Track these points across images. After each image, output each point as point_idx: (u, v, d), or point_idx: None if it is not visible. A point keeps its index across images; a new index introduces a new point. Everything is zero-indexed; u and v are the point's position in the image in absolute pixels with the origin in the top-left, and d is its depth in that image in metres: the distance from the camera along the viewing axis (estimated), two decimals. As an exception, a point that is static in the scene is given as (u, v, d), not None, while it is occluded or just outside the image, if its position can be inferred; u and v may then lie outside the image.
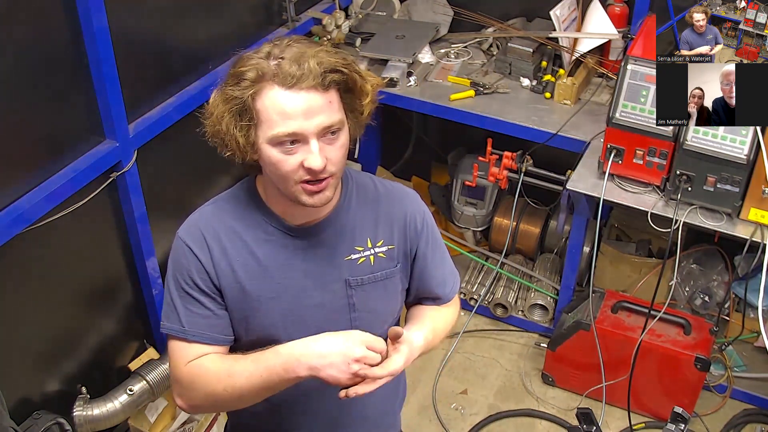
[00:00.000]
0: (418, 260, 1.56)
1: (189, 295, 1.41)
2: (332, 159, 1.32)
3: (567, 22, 2.92)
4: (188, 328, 1.41)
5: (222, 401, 1.40)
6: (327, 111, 1.29)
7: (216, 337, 1.42)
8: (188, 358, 1.41)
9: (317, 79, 1.26)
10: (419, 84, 3.01)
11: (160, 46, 2.39)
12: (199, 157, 2.62)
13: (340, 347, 1.30)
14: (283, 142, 1.29)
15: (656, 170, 2.43)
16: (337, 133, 1.32)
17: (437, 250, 1.59)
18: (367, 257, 1.48)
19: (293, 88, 1.26)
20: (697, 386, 2.78)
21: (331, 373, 1.29)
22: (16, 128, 1.95)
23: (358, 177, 1.54)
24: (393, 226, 1.51)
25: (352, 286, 1.47)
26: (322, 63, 1.27)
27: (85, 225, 2.23)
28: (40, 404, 2.21)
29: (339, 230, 1.47)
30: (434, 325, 1.55)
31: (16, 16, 1.86)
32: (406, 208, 1.53)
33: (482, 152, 3.05)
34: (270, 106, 1.27)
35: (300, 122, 1.27)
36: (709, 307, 2.99)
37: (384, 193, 1.53)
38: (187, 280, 1.41)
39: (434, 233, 1.58)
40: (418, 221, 1.54)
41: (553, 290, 3.23)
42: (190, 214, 1.47)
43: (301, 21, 2.97)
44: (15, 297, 2.08)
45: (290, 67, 1.26)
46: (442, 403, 3.00)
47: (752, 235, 2.35)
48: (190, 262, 1.40)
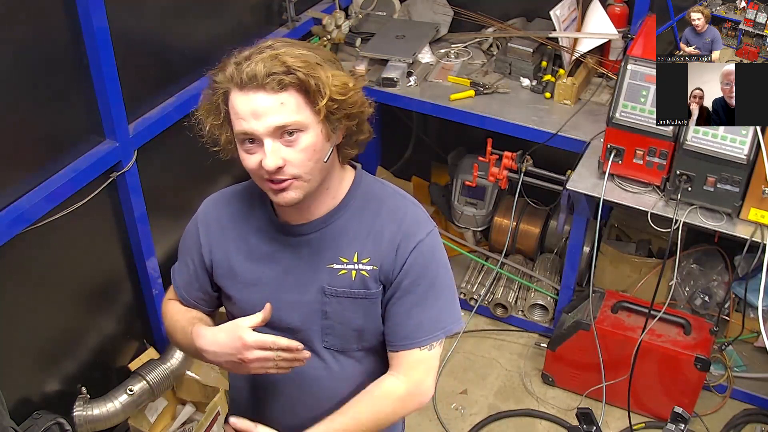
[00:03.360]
0: (396, 292, 1.45)
1: (183, 254, 1.60)
2: (292, 161, 1.33)
3: (567, 22, 2.92)
4: (176, 279, 1.63)
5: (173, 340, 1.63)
6: (278, 112, 1.30)
7: (184, 295, 1.61)
8: (170, 296, 1.66)
9: (263, 80, 1.29)
10: (419, 84, 3.02)
11: (160, 46, 2.39)
12: (199, 157, 2.58)
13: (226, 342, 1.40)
14: (243, 141, 1.36)
15: (656, 170, 2.43)
16: (295, 135, 1.32)
17: (427, 291, 1.46)
18: (349, 271, 1.45)
19: (244, 90, 1.31)
20: (697, 386, 2.78)
21: (222, 364, 1.44)
22: (16, 128, 1.95)
23: (369, 188, 1.49)
24: (382, 245, 1.44)
25: (327, 295, 1.46)
26: (276, 65, 1.29)
27: (85, 225, 2.23)
28: (40, 404, 2.21)
29: (326, 236, 1.45)
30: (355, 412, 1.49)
31: (16, 16, 1.86)
32: (402, 233, 1.44)
33: (482, 152, 3.05)
34: (231, 107, 1.35)
35: (250, 122, 1.32)
36: (709, 307, 2.99)
37: (389, 210, 1.46)
38: (186, 245, 1.59)
39: (429, 273, 1.46)
40: (413, 253, 1.43)
41: (553, 290, 3.23)
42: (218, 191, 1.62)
43: (301, 21, 2.97)
44: (15, 297, 2.08)
45: (246, 69, 1.30)
46: (442, 403, 3.00)
47: (752, 235, 2.35)
48: (192, 231, 1.57)
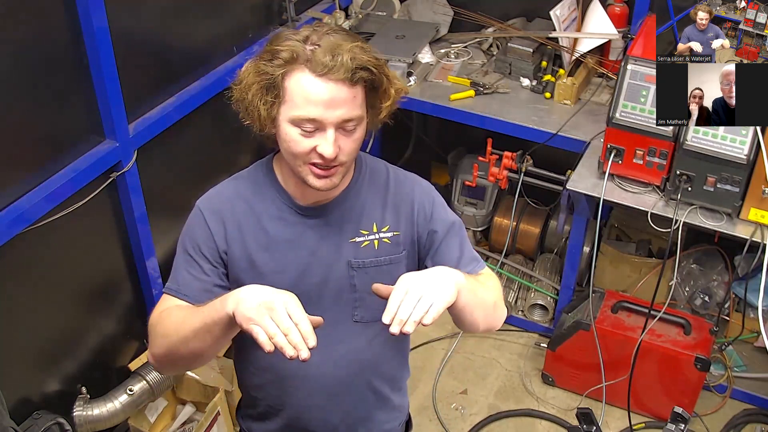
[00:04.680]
0: (433, 244, 1.55)
1: (192, 258, 1.48)
2: (345, 150, 1.38)
3: (567, 22, 2.92)
4: (182, 287, 1.47)
5: (173, 345, 1.39)
6: (350, 105, 1.34)
7: (203, 302, 1.42)
8: (164, 308, 1.46)
9: (347, 74, 1.31)
10: (419, 84, 3.02)
11: (160, 46, 2.38)
12: (199, 157, 2.62)
13: (268, 291, 1.26)
14: (302, 124, 1.34)
15: (656, 170, 2.44)
16: (354, 127, 1.38)
17: (455, 235, 1.57)
18: (371, 241, 1.52)
19: (323, 77, 1.31)
20: (697, 386, 2.78)
21: (242, 312, 1.23)
22: (16, 128, 1.95)
23: (372, 163, 1.58)
24: (400, 212, 1.54)
25: (354, 268, 1.51)
26: (355, 59, 1.32)
27: (85, 225, 2.23)
28: (40, 404, 2.21)
29: (346, 212, 1.51)
30: (475, 280, 1.47)
31: (16, 16, 1.86)
32: (414, 196, 1.55)
33: (482, 152, 3.05)
34: (297, 88, 1.33)
35: (322, 110, 1.32)
36: (709, 307, 2.99)
37: (395, 180, 1.57)
38: (194, 246, 1.48)
39: (448, 220, 1.57)
40: (427, 209, 1.55)
41: (553, 290, 3.23)
42: (212, 188, 1.54)
43: (301, 21, 2.97)
44: (15, 297, 2.08)
45: (324, 56, 1.30)
46: (442, 403, 3.00)
47: (752, 235, 2.35)
48: (201, 228, 1.48)
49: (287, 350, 1.20)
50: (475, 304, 1.42)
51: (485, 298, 1.47)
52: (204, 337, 1.34)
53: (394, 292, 1.27)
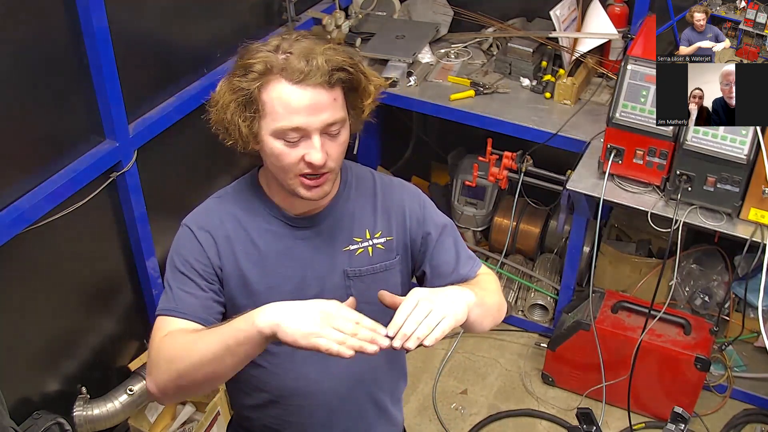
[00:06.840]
0: (428, 247, 1.54)
1: (184, 276, 1.41)
2: (332, 155, 1.35)
3: (567, 22, 2.92)
4: (179, 305, 1.38)
5: (183, 370, 1.28)
6: (331, 108, 1.32)
7: (205, 318, 1.38)
8: (166, 331, 1.36)
9: (324, 77, 1.28)
10: (419, 84, 3.01)
11: (160, 46, 2.38)
12: (199, 157, 2.62)
13: (310, 303, 1.20)
14: (286, 135, 1.31)
15: (656, 170, 2.44)
16: (339, 130, 1.35)
17: (449, 236, 1.56)
18: (366, 248, 1.49)
19: (300, 84, 1.29)
20: (697, 386, 2.78)
21: (294, 331, 1.16)
22: (16, 128, 1.95)
23: (357, 169, 1.56)
24: (391, 217, 1.52)
25: (350, 277, 1.49)
26: (330, 61, 1.29)
27: (85, 225, 2.23)
28: (40, 404, 2.21)
29: (337, 221, 1.49)
30: (479, 287, 1.45)
31: (16, 16, 1.86)
32: (404, 200, 1.54)
33: (482, 152, 3.05)
34: (276, 99, 1.30)
35: (304, 117, 1.30)
36: (709, 307, 2.99)
37: (382, 186, 1.54)
38: (185, 263, 1.42)
39: (440, 222, 1.56)
40: (419, 212, 1.53)
41: (553, 290, 3.23)
42: (196, 206, 1.49)
43: (301, 21, 2.97)
44: (15, 297, 2.08)
45: (299, 63, 1.28)
46: (442, 403, 3.00)
47: (752, 235, 2.35)
48: (191, 245, 1.42)
49: (367, 348, 1.17)
50: (484, 315, 1.41)
51: (491, 305, 1.46)
52: (224, 359, 1.24)
53: (403, 305, 1.24)
